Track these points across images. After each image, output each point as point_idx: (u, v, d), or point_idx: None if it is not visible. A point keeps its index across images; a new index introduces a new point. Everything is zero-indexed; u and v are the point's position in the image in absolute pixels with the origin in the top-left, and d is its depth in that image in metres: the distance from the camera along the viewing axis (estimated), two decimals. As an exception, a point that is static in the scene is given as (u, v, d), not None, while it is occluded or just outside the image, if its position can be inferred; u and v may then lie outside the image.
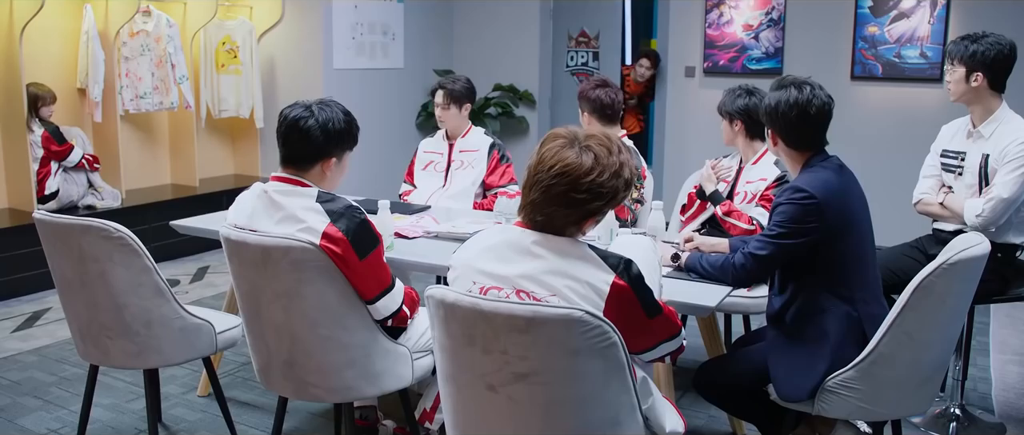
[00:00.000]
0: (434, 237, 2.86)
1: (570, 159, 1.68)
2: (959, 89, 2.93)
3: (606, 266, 1.72)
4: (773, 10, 5.77)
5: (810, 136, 2.35)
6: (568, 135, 1.73)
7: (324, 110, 2.21)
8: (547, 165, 1.70)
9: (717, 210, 3.04)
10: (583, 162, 1.69)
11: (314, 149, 2.19)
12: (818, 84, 2.37)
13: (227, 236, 2.22)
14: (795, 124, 2.33)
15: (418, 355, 2.39)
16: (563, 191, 1.69)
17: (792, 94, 2.33)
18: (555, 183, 1.68)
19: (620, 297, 1.71)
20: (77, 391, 3.33)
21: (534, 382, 1.62)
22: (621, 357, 1.64)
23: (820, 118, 2.33)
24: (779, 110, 2.34)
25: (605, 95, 3.17)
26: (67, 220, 2.45)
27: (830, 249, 2.27)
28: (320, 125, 2.18)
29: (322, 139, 2.19)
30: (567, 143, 1.71)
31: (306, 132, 2.17)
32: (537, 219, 1.74)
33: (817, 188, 2.25)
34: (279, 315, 2.21)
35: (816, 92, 2.33)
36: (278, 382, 2.32)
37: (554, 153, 1.70)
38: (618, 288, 1.70)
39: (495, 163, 3.68)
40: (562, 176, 1.68)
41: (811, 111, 2.31)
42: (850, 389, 2.23)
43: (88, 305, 2.51)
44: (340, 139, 2.24)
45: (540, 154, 1.72)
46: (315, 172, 2.22)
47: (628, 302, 1.73)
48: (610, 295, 1.70)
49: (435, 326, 1.72)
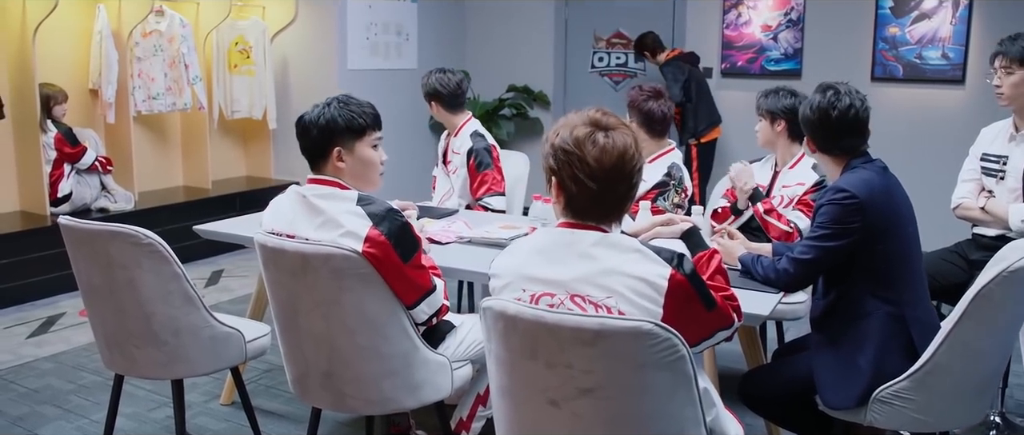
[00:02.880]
0: (467, 242, 2.79)
1: (618, 145, 1.64)
2: (1017, 92, 2.83)
3: (661, 260, 1.66)
4: (792, 11, 5.71)
5: (839, 141, 2.32)
6: (587, 122, 1.67)
7: (329, 105, 2.19)
8: (597, 158, 1.63)
9: (757, 207, 2.98)
10: (627, 143, 1.65)
11: (310, 142, 2.18)
12: (850, 89, 2.34)
13: (264, 243, 2.15)
14: (820, 128, 2.32)
15: (457, 365, 2.33)
16: (619, 178, 1.65)
17: (816, 99, 2.33)
18: (612, 174, 1.64)
19: (679, 291, 1.66)
20: (97, 399, 3.26)
21: (599, 397, 1.56)
22: (688, 370, 1.57)
23: (845, 122, 2.29)
24: (804, 114, 2.36)
25: (657, 108, 3.06)
26: (94, 226, 2.38)
27: (873, 250, 2.23)
28: (314, 118, 2.17)
29: (317, 132, 2.16)
30: (595, 129, 1.65)
31: (304, 128, 2.19)
32: (595, 213, 1.68)
33: (858, 187, 2.22)
34: (318, 324, 2.14)
35: (841, 96, 2.30)
36: (315, 393, 2.25)
37: (599, 144, 1.64)
38: (676, 282, 1.65)
39: (472, 171, 3.43)
40: (619, 166, 1.64)
41: (833, 114, 2.28)
42: (904, 400, 2.17)
43: (115, 313, 2.44)
44: (336, 129, 2.16)
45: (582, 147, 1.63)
46: (329, 167, 2.18)
47: (686, 296, 1.68)
48: (669, 290, 1.64)
49: (492, 339, 1.65)
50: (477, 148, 3.42)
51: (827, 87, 2.32)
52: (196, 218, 5.21)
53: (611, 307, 1.62)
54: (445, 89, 3.41)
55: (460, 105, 3.48)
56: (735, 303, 1.81)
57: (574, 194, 1.67)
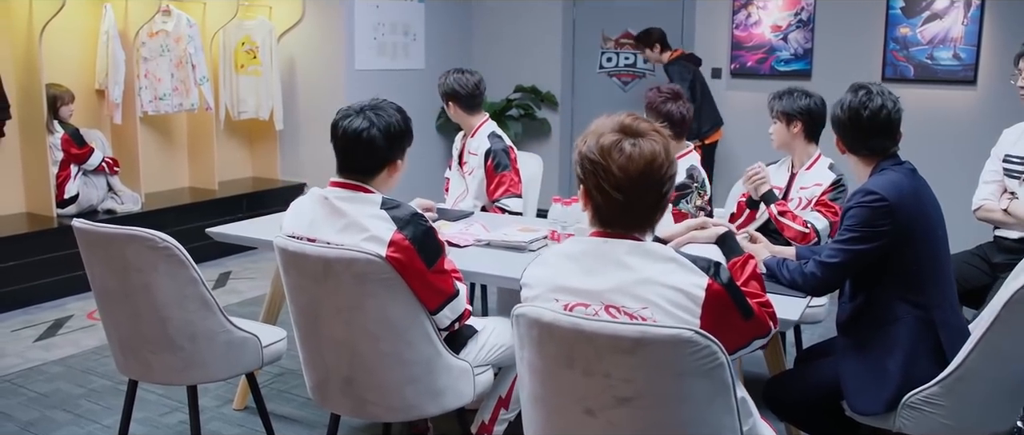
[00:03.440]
0: (485, 245, 2.75)
1: (645, 152, 1.59)
2: None
3: (697, 269, 1.62)
4: (802, 11, 5.67)
5: (868, 141, 2.30)
6: (615, 129, 1.63)
7: (380, 115, 2.12)
8: (622, 167, 1.59)
9: (771, 209, 2.95)
10: (655, 150, 1.60)
11: (380, 158, 2.11)
12: (882, 89, 2.31)
13: (284, 247, 2.11)
14: (851, 129, 2.29)
15: (479, 370, 2.30)
16: (647, 187, 1.61)
17: (847, 98, 2.30)
18: (640, 183, 1.60)
19: (716, 302, 1.62)
20: (107, 404, 3.22)
21: (637, 406, 1.52)
22: (727, 378, 1.54)
23: (876, 123, 2.27)
24: (835, 114, 2.32)
25: (676, 110, 3.03)
26: (110, 229, 2.34)
27: (903, 253, 2.20)
28: (382, 132, 2.09)
29: (386, 146, 2.10)
30: (623, 137, 1.61)
31: (370, 142, 2.08)
32: (624, 223, 1.64)
33: (887, 189, 2.19)
34: (339, 330, 2.10)
35: (872, 96, 2.27)
36: (335, 400, 2.21)
37: (625, 152, 1.59)
38: (714, 292, 1.61)
39: (490, 172, 3.41)
40: (647, 175, 1.60)
41: (864, 114, 2.26)
42: (934, 405, 2.13)
43: (130, 317, 2.40)
44: (402, 140, 2.16)
45: (608, 157, 1.59)
46: (381, 178, 2.14)
47: (724, 306, 1.64)
48: (706, 300, 1.60)
49: (525, 346, 1.61)
50: (495, 149, 3.39)
51: (859, 87, 2.29)
52: (203, 219, 5.20)
53: (646, 318, 1.58)
54: (463, 89, 3.39)
55: (478, 106, 3.46)
56: (771, 309, 1.77)
57: (601, 204, 1.64)
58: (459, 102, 3.41)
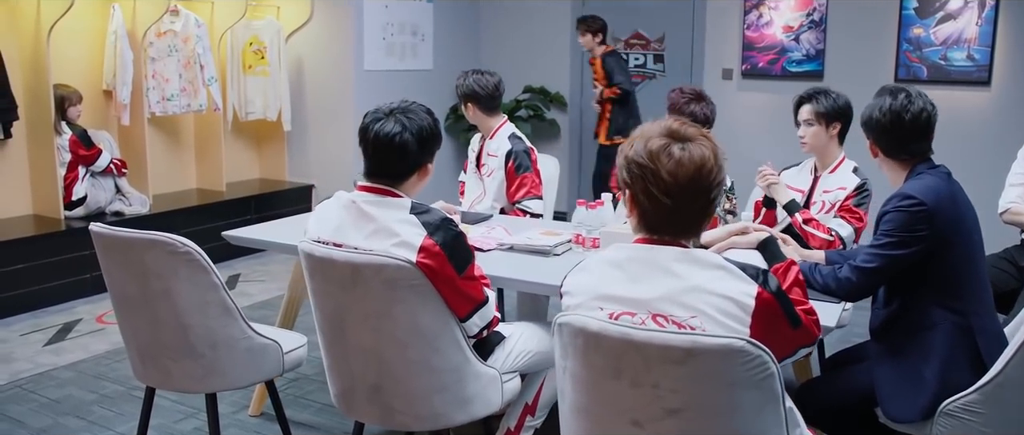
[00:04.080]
0: (509, 249, 2.71)
1: (695, 157, 1.56)
2: None
3: (747, 277, 1.58)
4: (814, 11, 5.63)
5: (908, 145, 2.26)
6: (663, 133, 1.60)
7: (412, 118, 2.07)
8: (672, 171, 1.55)
9: (796, 219, 2.90)
10: (705, 155, 1.57)
11: (413, 162, 2.07)
12: (919, 92, 2.28)
13: (310, 252, 2.06)
14: (891, 132, 2.25)
15: (507, 377, 2.25)
16: (696, 193, 1.57)
17: (886, 101, 2.26)
18: (689, 188, 1.56)
19: (766, 310, 1.58)
20: (120, 410, 3.17)
21: (685, 417, 1.48)
22: (777, 388, 1.50)
23: (917, 126, 2.24)
24: (874, 118, 2.27)
25: (700, 111, 2.99)
26: (129, 233, 2.29)
27: (941, 258, 2.16)
28: (415, 136, 2.04)
29: (419, 150, 2.06)
30: (671, 141, 1.58)
31: (403, 147, 2.03)
32: (671, 230, 1.60)
33: (925, 194, 2.15)
34: (367, 337, 2.05)
35: (912, 99, 2.25)
36: (361, 408, 2.17)
37: (674, 157, 1.56)
38: (763, 301, 1.57)
39: (511, 173, 3.37)
40: (696, 180, 1.56)
41: (906, 118, 2.23)
42: (972, 413, 2.09)
43: (149, 324, 2.35)
44: (433, 143, 2.11)
45: (657, 161, 1.56)
46: (411, 182, 2.10)
47: (774, 315, 1.59)
48: (756, 309, 1.56)
49: (569, 356, 1.56)
50: (517, 150, 3.35)
51: (897, 90, 2.26)
52: (211, 221, 5.16)
53: (695, 327, 1.53)
54: (483, 90, 3.34)
55: (497, 107, 3.42)
56: (815, 317, 1.73)
57: (648, 209, 1.59)
58: (478, 103, 3.37)
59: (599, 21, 5.57)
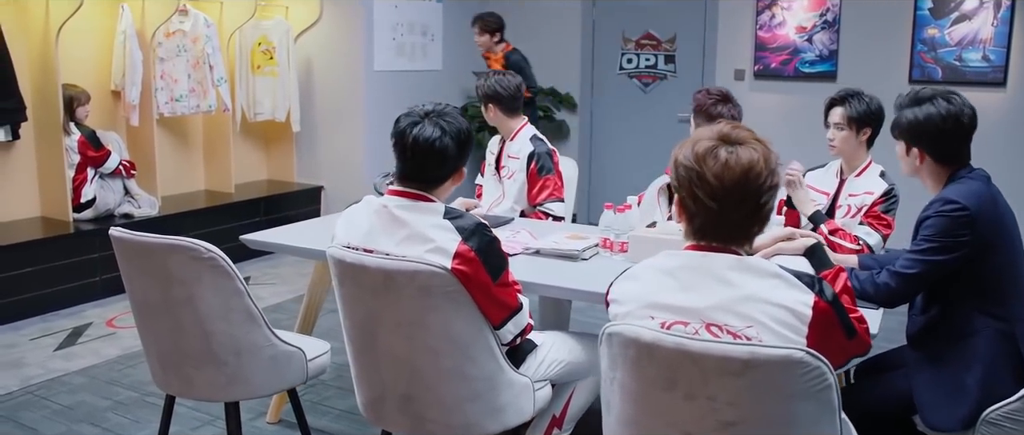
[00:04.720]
0: (535, 253, 2.66)
1: (743, 160, 1.52)
2: None
3: (803, 285, 1.54)
4: (828, 12, 5.58)
5: (960, 149, 2.23)
6: (715, 136, 1.57)
7: (450, 121, 2.02)
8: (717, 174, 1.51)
9: (822, 229, 2.84)
10: (754, 158, 1.53)
11: (451, 167, 2.02)
12: (955, 91, 2.24)
13: (341, 259, 2.01)
14: (950, 137, 2.20)
15: (538, 385, 2.20)
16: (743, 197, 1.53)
17: (942, 106, 2.21)
18: (735, 192, 1.53)
19: (823, 320, 1.54)
20: (135, 417, 3.11)
21: (740, 430, 1.43)
22: (834, 400, 1.45)
23: (971, 128, 2.22)
24: (932, 123, 2.20)
25: (727, 112, 2.94)
26: (151, 239, 2.24)
27: (982, 264, 2.12)
28: (454, 140, 2.00)
29: (457, 154, 2.01)
30: (720, 144, 1.55)
31: (443, 151, 1.98)
32: (720, 235, 1.56)
33: (967, 199, 2.12)
34: (399, 345, 2.00)
35: (965, 101, 2.22)
36: (391, 418, 2.12)
37: (721, 159, 1.52)
38: (821, 310, 1.53)
39: (533, 176, 3.34)
40: (743, 184, 1.52)
41: (964, 121, 2.20)
42: (1016, 422, 2.03)
43: (171, 331, 2.30)
44: (468, 146, 2.07)
45: (703, 163, 1.53)
46: (445, 186, 2.05)
47: (830, 325, 1.56)
48: (813, 319, 1.52)
49: (618, 367, 1.52)
50: (539, 152, 3.32)
51: (947, 93, 2.21)
52: (220, 223, 5.11)
53: (751, 337, 1.49)
54: (506, 91, 3.30)
55: (518, 109, 3.38)
56: (866, 325, 1.68)
57: (695, 214, 1.56)
58: (500, 104, 3.33)
59: (496, 19, 5.39)
